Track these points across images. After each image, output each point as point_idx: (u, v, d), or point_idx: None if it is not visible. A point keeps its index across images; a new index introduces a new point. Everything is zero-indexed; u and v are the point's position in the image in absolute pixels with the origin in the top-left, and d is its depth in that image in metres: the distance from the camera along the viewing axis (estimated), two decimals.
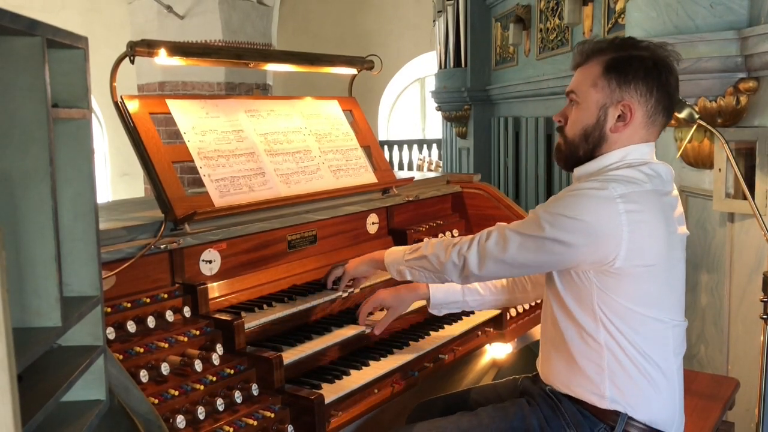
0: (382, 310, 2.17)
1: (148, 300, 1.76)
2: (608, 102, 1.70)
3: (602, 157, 1.73)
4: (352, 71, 2.73)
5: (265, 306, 2.02)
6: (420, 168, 10.27)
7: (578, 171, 1.79)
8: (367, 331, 2.10)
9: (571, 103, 1.78)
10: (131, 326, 1.68)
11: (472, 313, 2.39)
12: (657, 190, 1.68)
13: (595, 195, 1.62)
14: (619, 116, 1.70)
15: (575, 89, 1.76)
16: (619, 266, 1.62)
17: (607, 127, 1.71)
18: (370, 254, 2.10)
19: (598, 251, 1.62)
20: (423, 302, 2.17)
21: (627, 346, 1.67)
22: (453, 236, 2.76)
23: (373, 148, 2.69)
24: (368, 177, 2.55)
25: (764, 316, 2.15)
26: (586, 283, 1.68)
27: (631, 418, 1.70)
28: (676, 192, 1.78)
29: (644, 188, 1.65)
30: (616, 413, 1.70)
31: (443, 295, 2.12)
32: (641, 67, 1.68)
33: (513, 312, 2.48)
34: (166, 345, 1.69)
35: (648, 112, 1.70)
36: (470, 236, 1.80)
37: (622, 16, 3.79)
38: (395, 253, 1.99)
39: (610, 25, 4.18)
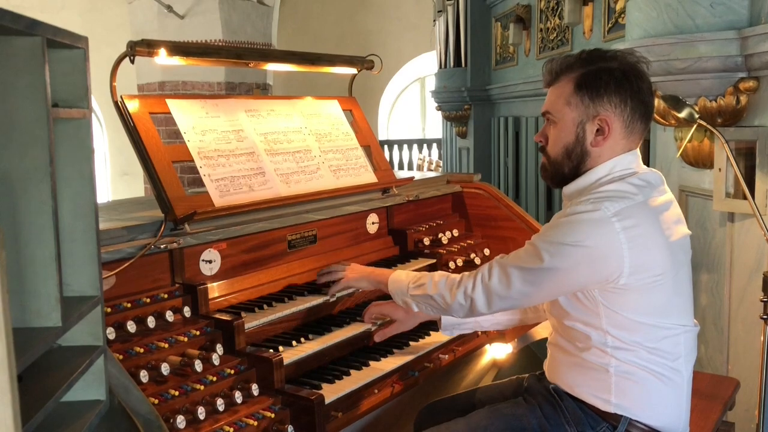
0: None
1: (148, 300, 1.76)
2: (584, 118, 1.71)
3: (589, 173, 1.73)
4: (352, 71, 2.72)
5: (265, 306, 2.02)
6: (420, 168, 10.26)
7: (567, 189, 1.78)
8: (374, 328, 2.10)
9: (549, 122, 1.79)
10: (131, 326, 1.68)
11: None
12: (648, 199, 1.67)
13: (590, 218, 1.61)
14: (597, 130, 1.70)
15: (550, 110, 1.77)
16: (624, 283, 1.61)
17: (587, 142, 1.71)
18: (372, 271, 2.08)
19: (602, 272, 1.61)
20: None
21: (635, 354, 1.66)
22: (453, 236, 2.76)
23: (373, 147, 2.69)
24: (368, 177, 2.55)
25: (764, 316, 2.15)
26: (592, 302, 1.67)
27: (634, 420, 1.69)
28: (669, 195, 1.77)
29: (636, 201, 1.64)
30: (619, 416, 1.70)
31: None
32: (611, 79, 1.68)
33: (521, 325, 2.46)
34: (166, 345, 1.69)
35: (625, 122, 1.70)
36: (472, 273, 1.78)
37: (622, 15, 3.79)
38: (399, 282, 1.96)
39: (610, 25, 4.18)
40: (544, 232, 1.69)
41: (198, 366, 1.66)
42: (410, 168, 10.98)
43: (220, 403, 1.61)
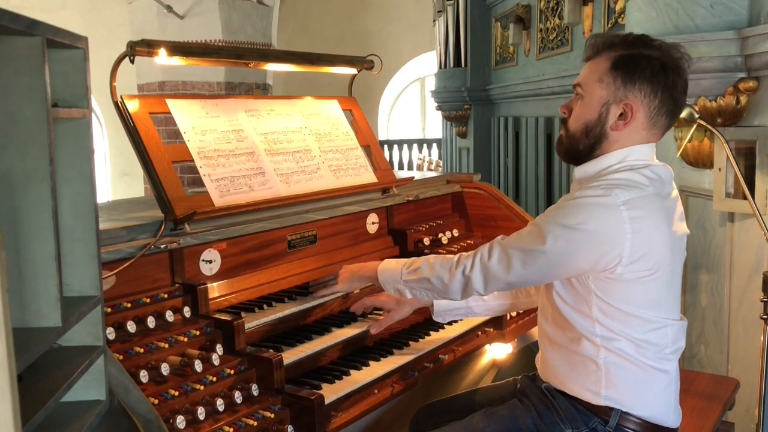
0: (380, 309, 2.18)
1: (148, 300, 1.76)
2: (611, 99, 1.69)
3: (603, 158, 1.72)
4: (352, 71, 2.72)
5: (265, 306, 2.02)
6: (420, 168, 10.26)
7: (578, 172, 1.77)
8: (373, 331, 2.10)
9: (577, 96, 1.77)
10: (131, 326, 1.68)
11: None
12: (658, 193, 1.67)
13: (599, 202, 1.60)
14: (620, 115, 1.68)
15: (581, 83, 1.75)
16: (620, 272, 1.62)
17: (608, 124, 1.70)
18: (360, 267, 2.07)
19: (603, 259, 1.61)
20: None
21: (624, 346, 1.68)
22: (453, 236, 2.76)
23: (373, 147, 2.69)
24: (368, 177, 2.55)
25: (764, 316, 2.15)
26: (585, 289, 1.67)
27: (625, 412, 1.70)
28: (675, 192, 1.78)
29: (646, 192, 1.63)
30: (610, 408, 1.71)
31: (446, 302, 2.11)
32: (648, 67, 1.66)
33: (513, 312, 2.48)
34: (166, 345, 1.69)
35: (650, 113, 1.68)
36: (471, 253, 1.78)
37: (622, 16, 3.79)
38: (390, 271, 1.95)
39: (610, 25, 4.18)
40: (548, 213, 1.68)
41: (198, 366, 1.66)
42: (410, 168, 10.98)
43: (220, 403, 1.61)
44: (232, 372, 1.72)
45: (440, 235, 2.71)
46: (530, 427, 1.78)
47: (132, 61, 1.98)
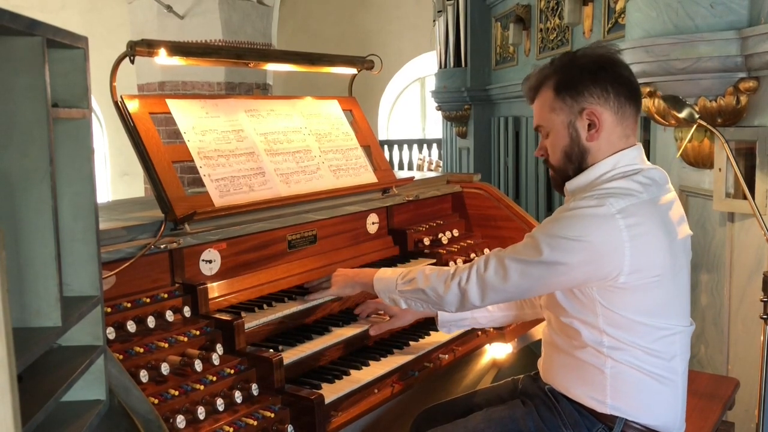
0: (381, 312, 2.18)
1: (148, 300, 1.76)
2: (572, 117, 1.71)
3: (592, 168, 1.72)
4: (352, 71, 2.72)
5: (265, 306, 2.02)
6: (420, 168, 10.27)
7: (570, 185, 1.77)
8: (372, 333, 2.10)
9: (543, 135, 1.80)
10: (131, 326, 1.68)
11: None
12: (654, 198, 1.66)
13: (594, 213, 1.59)
14: (589, 125, 1.70)
15: (540, 123, 1.79)
16: (624, 282, 1.61)
17: (582, 139, 1.71)
18: (356, 273, 2.06)
19: (602, 269, 1.60)
20: None
21: (631, 354, 1.66)
22: (453, 236, 2.76)
23: (373, 147, 2.69)
24: (368, 177, 2.55)
25: (764, 316, 2.15)
26: (589, 300, 1.66)
27: (630, 421, 1.69)
28: (673, 194, 1.76)
29: (641, 199, 1.63)
30: (615, 416, 1.69)
31: (451, 314, 2.10)
32: (584, 72, 1.70)
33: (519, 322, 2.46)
34: (166, 345, 1.69)
35: (612, 108, 1.70)
36: (467, 266, 1.77)
37: (622, 16, 3.79)
38: (385, 280, 1.95)
39: (610, 25, 4.18)
40: (544, 225, 1.68)
41: (198, 366, 1.66)
42: (410, 168, 10.98)
43: (220, 403, 1.61)
44: (232, 372, 1.72)
45: (440, 235, 2.71)
46: (531, 429, 1.77)
47: (132, 61, 1.98)
